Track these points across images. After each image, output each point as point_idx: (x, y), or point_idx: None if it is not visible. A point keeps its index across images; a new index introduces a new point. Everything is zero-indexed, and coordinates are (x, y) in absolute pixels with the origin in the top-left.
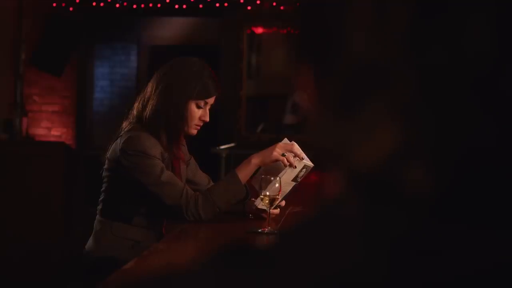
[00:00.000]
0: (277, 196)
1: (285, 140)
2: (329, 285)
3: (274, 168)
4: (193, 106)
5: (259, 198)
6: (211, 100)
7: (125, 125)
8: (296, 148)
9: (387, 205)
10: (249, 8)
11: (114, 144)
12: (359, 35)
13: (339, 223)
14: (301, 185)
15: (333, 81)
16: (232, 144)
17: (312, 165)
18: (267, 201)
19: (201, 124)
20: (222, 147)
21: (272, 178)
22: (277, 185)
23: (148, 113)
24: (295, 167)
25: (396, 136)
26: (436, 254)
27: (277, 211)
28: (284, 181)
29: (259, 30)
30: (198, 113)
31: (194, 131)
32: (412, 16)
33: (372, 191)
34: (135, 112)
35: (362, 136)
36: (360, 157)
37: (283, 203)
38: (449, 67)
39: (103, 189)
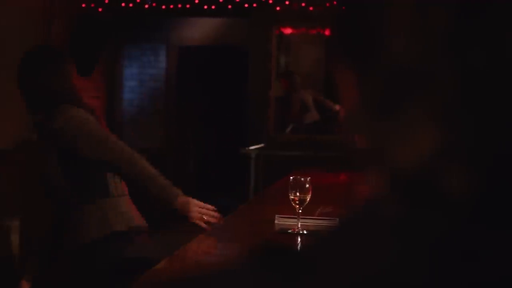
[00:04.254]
0: (307, 197)
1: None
2: (369, 286)
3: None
4: None
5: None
6: None
7: None
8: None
9: (426, 206)
10: (278, 8)
11: None
12: (399, 36)
13: (377, 224)
14: (331, 185)
15: (373, 81)
16: (261, 145)
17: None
18: (297, 202)
19: None
20: (251, 147)
21: (302, 179)
22: (307, 185)
23: None
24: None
25: (436, 137)
26: (476, 256)
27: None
28: None
29: (288, 31)
30: None
31: None
32: (453, 17)
33: (412, 192)
34: None
35: (402, 136)
36: (400, 157)
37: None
38: (489, 68)
39: None
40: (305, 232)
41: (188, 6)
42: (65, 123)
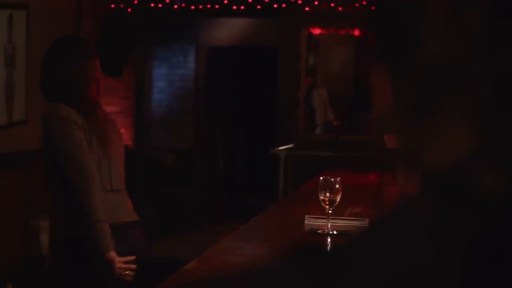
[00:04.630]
0: (337, 198)
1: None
2: (403, 286)
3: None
4: None
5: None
6: None
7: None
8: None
9: (460, 207)
10: (307, 9)
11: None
12: (434, 37)
13: (411, 224)
14: (360, 185)
15: (408, 82)
16: (290, 145)
17: None
18: (327, 202)
19: None
20: (281, 148)
21: (332, 180)
22: (337, 186)
23: None
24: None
25: (470, 137)
26: (510, 256)
27: None
28: None
29: (317, 31)
30: None
31: None
32: (487, 18)
33: (445, 193)
34: None
35: (436, 137)
36: (434, 158)
37: None
38: None
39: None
40: (335, 232)
41: (217, 6)
42: (50, 123)
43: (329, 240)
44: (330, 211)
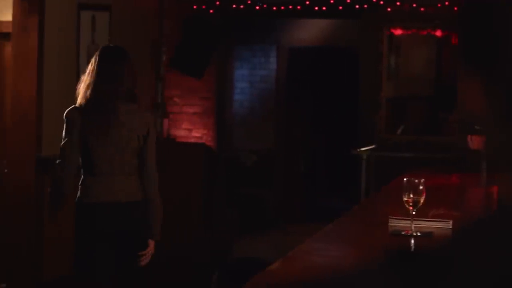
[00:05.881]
0: (421, 199)
1: None
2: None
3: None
4: None
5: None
6: None
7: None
8: None
9: None
10: (388, 9)
11: (140, 119)
12: None
13: (505, 227)
14: (442, 186)
15: (499, 89)
16: (372, 146)
17: None
18: (411, 204)
19: None
20: (363, 148)
21: (416, 181)
22: (421, 187)
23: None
24: None
25: None
26: None
27: None
28: None
29: (398, 32)
30: None
31: None
32: None
33: None
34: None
35: None
36: None
37: None
38: None
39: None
40: (418, 234)
41: (299, 7)
42: None
43: (413, 241)
44: (414, 212)
